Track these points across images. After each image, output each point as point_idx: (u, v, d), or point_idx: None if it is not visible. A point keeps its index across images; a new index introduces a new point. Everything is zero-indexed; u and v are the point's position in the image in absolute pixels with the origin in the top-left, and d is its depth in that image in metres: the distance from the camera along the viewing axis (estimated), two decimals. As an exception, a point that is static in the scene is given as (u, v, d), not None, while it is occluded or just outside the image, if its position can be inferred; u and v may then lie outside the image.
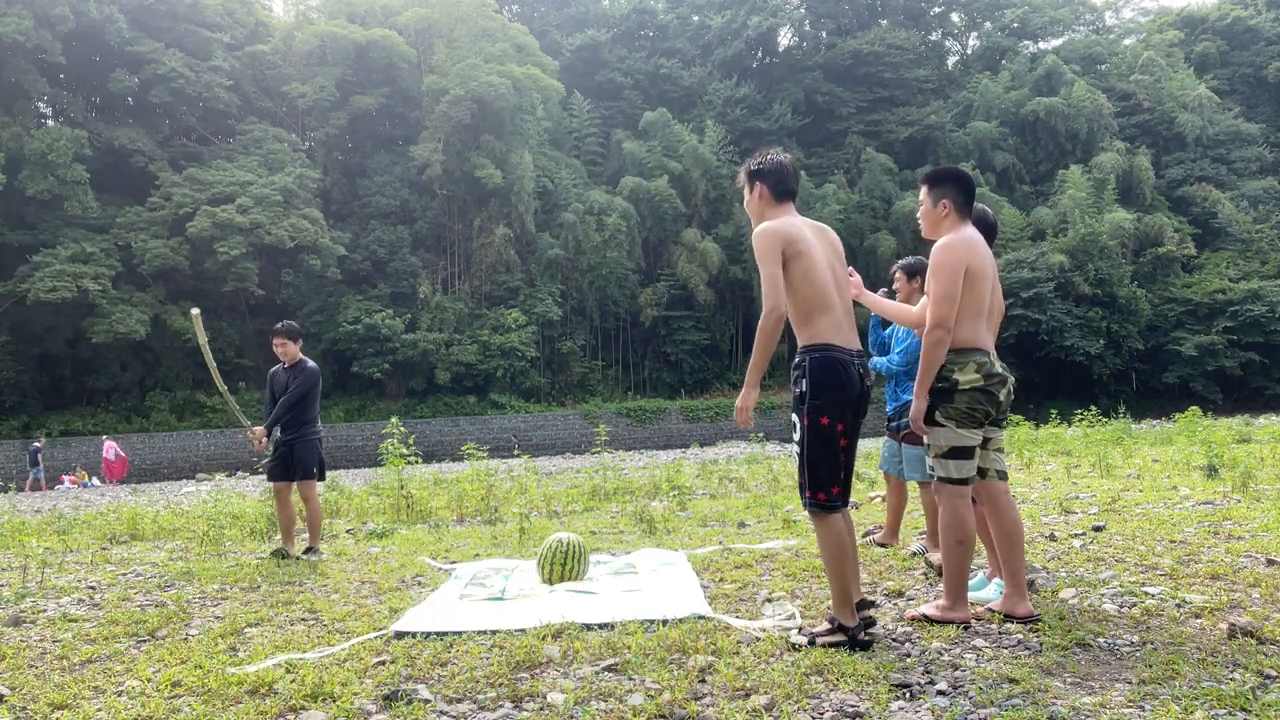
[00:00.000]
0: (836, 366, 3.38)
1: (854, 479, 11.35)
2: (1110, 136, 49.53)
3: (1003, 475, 3.76)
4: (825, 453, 3.38)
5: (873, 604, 3.52)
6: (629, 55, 53.89)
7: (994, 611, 3.67)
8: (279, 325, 6.86)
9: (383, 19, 43.65)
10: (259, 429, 6.53)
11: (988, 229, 4.16)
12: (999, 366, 3.66)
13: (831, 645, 3.31)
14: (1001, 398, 3.64)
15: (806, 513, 3.51)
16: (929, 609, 3.68)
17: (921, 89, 53.56)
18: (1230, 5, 58.73)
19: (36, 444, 27.17)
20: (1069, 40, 59.10)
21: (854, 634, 3.33)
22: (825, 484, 3.39)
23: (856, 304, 3.92)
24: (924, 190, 3.83)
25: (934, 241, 3.71)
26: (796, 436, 3.45)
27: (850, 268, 3.81)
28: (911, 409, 3.68)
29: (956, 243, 3.62)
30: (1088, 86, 49.46)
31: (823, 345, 3.40)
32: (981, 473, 3.68)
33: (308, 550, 6.61)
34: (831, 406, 3.37)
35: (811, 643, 3.36)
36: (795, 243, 3.40)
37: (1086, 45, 56.90)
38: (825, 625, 3.44)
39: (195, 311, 6.72)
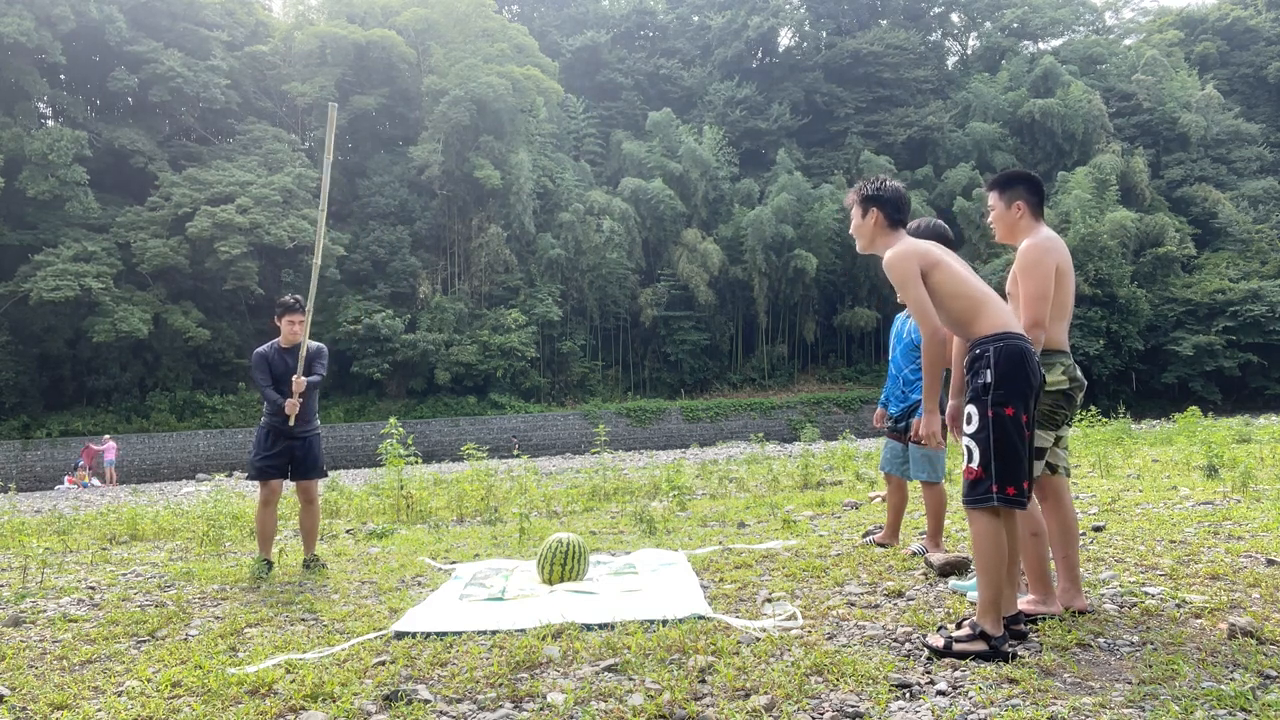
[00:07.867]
0: (1022, 355, 3.23)
1: (855, 479, 11.30)
2: (1107, 137, 49.52)
3: (1067, 472, 3.84)
4: (1015, 444, 3.21)
5: (1028, 621, 3.34)
6: (629, 56, 53.90)
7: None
8: (293, 300, 6.00)
9: (382, 19, 43.66)
10: (292, 400, 5.73)
11: (945, 240, 4.33)
12: (1078, 371, 3.75)
13: (970, 654, 3.10)
14: (1078, 401, 3.76)
15: (971, 509, 3.26)
16: (1023, 604, 3.62)
17: (921, 89, 53.57)
18: (1230, 5, 58.78)
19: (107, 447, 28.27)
20: (1069, 40, 59.11)
21: (998, 645, 3.10)
22: (1017, 478, 3.20)
23: None
24: (993, 196, 3.86)
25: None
26: (972, 429, 3.26)
27: None
28: (949, 409, 3.68)
29: (1045, 242, 3.66)
30: (1083, 87, 49.48)
31: (1003, 333, 3.26)
32: (1052, 469, 3.75)
33: (311, 561, 5.95)
34: (1016, 396, 3.21)
35: (947, 647, 3.15)
36: (926, 255, 3.37)
37: (1086, 45, 56.91)
38: (965, 630, 3.18)
39: (333, 104, 5.93)
